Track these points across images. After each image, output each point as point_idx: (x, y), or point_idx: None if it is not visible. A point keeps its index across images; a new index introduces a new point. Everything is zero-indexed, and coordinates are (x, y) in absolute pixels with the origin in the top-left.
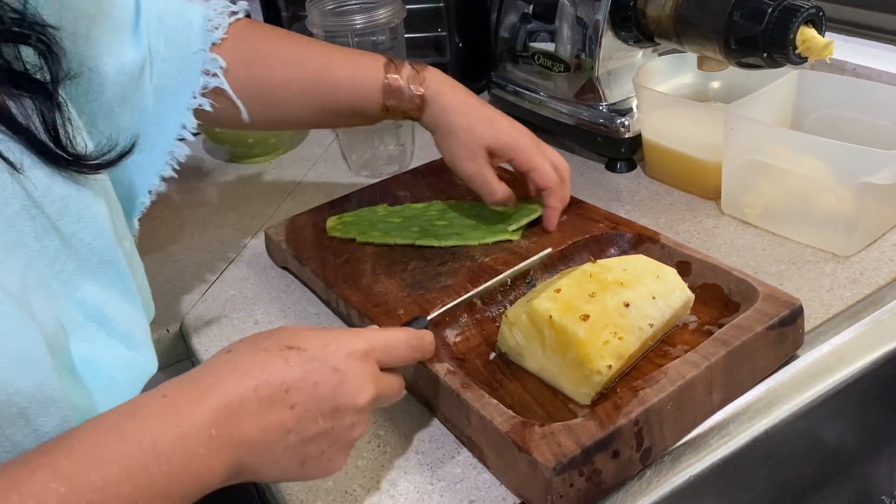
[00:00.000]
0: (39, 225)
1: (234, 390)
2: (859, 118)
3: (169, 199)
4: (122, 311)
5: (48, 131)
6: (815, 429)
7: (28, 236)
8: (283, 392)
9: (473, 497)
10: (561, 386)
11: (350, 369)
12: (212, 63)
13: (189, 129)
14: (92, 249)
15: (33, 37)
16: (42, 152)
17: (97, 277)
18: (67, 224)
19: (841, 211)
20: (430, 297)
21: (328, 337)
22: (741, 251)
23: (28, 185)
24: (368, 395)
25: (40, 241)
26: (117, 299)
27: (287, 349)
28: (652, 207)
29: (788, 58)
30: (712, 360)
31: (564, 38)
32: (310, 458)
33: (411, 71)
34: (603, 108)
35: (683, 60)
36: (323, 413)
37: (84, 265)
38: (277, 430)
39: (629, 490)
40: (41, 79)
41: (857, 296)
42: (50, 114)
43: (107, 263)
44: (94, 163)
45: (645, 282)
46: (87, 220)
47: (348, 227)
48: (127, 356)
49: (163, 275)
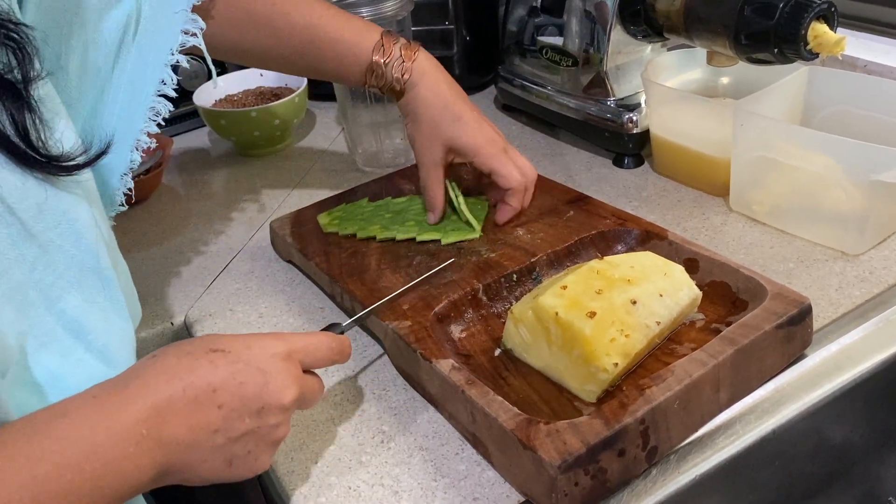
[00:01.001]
0: (15, 231)
1: (163, 391)
2: (870, 115)
3: (174, 192)
4: (104, 322)
5: (18, 132)
6: (822, 428)
7: (3, 243)
8: (210, 392)
9: (477, 494)
10: (566, 383)
11: (274, 370)
12: (192, 24)
13: (169, 84)
14: (71, 257)
15: (1, 34)
16: (13, 153)
17: (79, 286)
18: (43, 231)
19: (850, 209)
20: (435, 292)
21: (251, 340)
22: (749, 248)
23: (3, 186)
24: (292, 394)
25: (17, 248)
26: (102, 309)
27: (212, 352)
28: (659, 204)
29: (799, 53)
30: (720, 358)
31: (573, 32)
32: (237, 457)
33: (399, 56)
34: (611, 103)
35: (692, 55)
36: (249, 412)
37: (65, 274)
38: (205, 429)
39: (635, 489)
40: (11, 79)
41: (866, 295)
42: (20, 114)
43: (88, 271)
44: (70, 164)
45: (652, 279)
46: (65, 226)
47: (343, 222)
48: (102, 373)
49: (167, 267)
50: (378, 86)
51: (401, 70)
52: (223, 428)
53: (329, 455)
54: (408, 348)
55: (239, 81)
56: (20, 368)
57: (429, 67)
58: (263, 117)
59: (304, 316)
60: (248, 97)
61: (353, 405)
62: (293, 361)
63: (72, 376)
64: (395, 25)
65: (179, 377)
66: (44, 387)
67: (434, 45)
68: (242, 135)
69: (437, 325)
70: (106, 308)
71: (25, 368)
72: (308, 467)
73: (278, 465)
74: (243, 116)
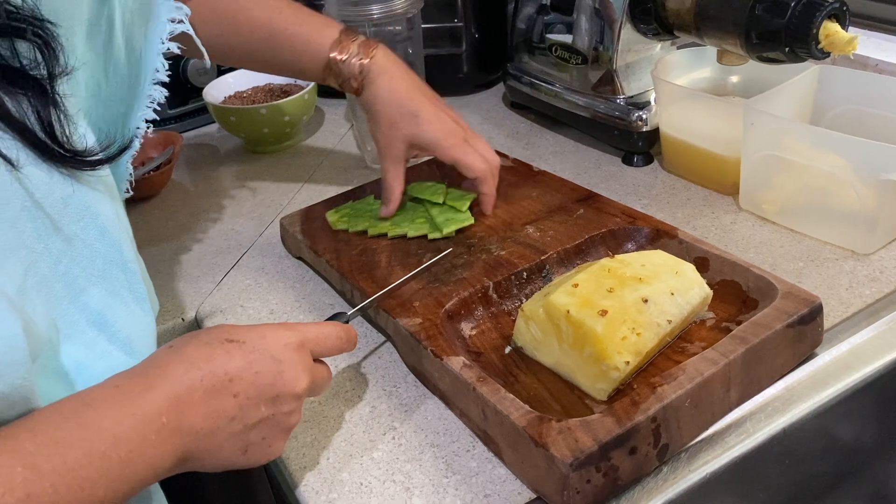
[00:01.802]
0: (41, 226)
1: (182, 380)
2: (881, 114)
3: (184, 189)
4: (127, 315)
5: (44, 128)
6: (832, 428)
7: (30, 237)
8: (226, 381)
9: (489, 491)
10: (577, 381)
11: (287, 359)
12: (177, 11)
13: (162, 72)
14: (95, 251)
15: (29, 31)
16: (39, 149)
17: (103, 280)
18: (68, 224)
19: (861, 208)
20: (445, 289)
21: (265, 330)
22: (759, 248)
23: (28, 184)
24: (305, 383)
25: (43, 242)
26: (125, 302)
27: (228, 342)
28: (669, 202)
29: (811, 52)
30: (730, 357)
31: (582, 30)
32: (252, 444)
33: (357, 53)
34: (620, 101)
35: (702, 54)
36: (264, 400)
37: (89, 267)
38: (222, 417)
39: (646, 487)
40: (37, 75)
41: (876, 294)
42: (45, 110)
43: (112, 265)
44: (93, 158)
45: (663, 278)
46: (88, 220)
47: (353, 220)
48: (125, 363)
49: (178, 263)
50: (337, 83)
51: (358, 67)
52: (239, 416)
53: (340, 451)
54: (418, 345)
55: (248, 78)
56: (48, 357)
57: (386, 64)
58: (273, 114)
59: (315, 312)
60: (257, 94)
61: (364, 402)
62: (305, 351)
63: (96, 366)
64: (404, 23)
65: (197, 367)
66: (70, 375)
67: (443, 43)
68: (252, 132)
69: (448, 322)
70: (129, 301)
71: (53, 357)
72: (319, 463)
73: (289, 460)
74: (253, 113)
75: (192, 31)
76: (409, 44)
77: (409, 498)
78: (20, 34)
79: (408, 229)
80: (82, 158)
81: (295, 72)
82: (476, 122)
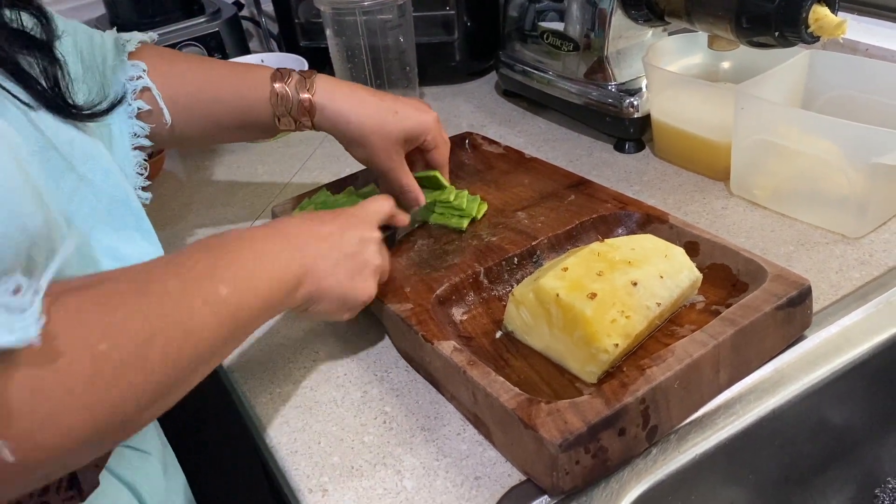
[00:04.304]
0: (53, 165)
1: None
2: (871, 99)
3: (175, 179)
4: (137, 250)
5: (49, 83)
6: (821, 409)
7: (43, 176)
8: (328, 219)
9: (479, 473)
10: (567, 364)
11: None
12: (133, 69)
13: (140, 136)
14: (101, 190)
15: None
16: (47, 101)
17: (110, 218)
18: (77, 164)
19: (851, 192)
20: (436, 275)
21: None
22: (750, 232)
23: (42, 124)
24: (378, 235)
25: (55, 180)
26: (133, 240)
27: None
28: (660, 188)
29: (801, 37)
30: (720, 339)
31: (574, 17)
32: (356, 272)
33: (299, 78)
34: (612, 88)
35: (694, 40)
36: (354, 238)
37: (97, 206)
38: (326, 240)
39: (635, 468)
40: (39, 36)
41: (865, 277)
42: (52, 67)
43: (117, 202)
44: (89, 112)
45: (653, 261)
46: (92, 162)
47: None
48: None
49: (169, 252)
50: (288, 111)
51: (304, 87)
52: (338, 242)
53: (332, 436)
54: (410, 330)
55: None
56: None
57: (333, 82)
58: None
59: None
60: None
61: (356, 387)
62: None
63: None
64: (395, 10)
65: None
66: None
67: (435, 31)
68: None
69: (439, 307)
70: (137, 238)
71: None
72: (311, 448)
73: (281, 445)
74: None
75: (152, 85)
76: (400, 32)
77: (399, 481)
78: (25, 5)
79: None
80: (81, 111)
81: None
82: (469, 111)
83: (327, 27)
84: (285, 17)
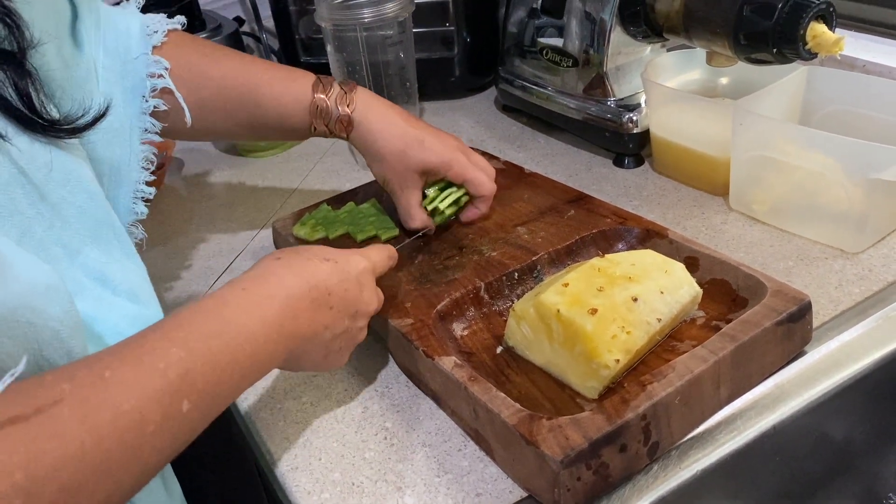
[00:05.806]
0: (30, 191)
1: (295, 289)
2: (869, 115)
3: (176, 193)
4: (123, 271)
5: (21, 99)
6: (822, 425)
7: (22, 203)
8: (326, 295)
9: (480, 490)
10: (568, 380)
11: (366, 282)
12: (155, 65)
13: (151, 132)
14: (84, 212)
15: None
16: (19, 119)
17: (96, 240)
18: (53, 190)
19: (850, 207)
20: (437, 290)
21: (347, 254)
22: (749, 247)
23: (14, 152)
24: (375, 303)
25: (35, 207)
26: (118, 259)
27: (325, 261)
28: (660, 203)
29: (798, 53)
30: (720, 354)
31: (573, 34)
32: (332, 351)
33: (339, 91)
34: (611, 104)
35: (692, 56)
36: (349, 315)
37: (81, 228)
38: (320, 325)
39: (636, 484)
40: (11, 49)
41: (865, 292)
42: (22, 81)
43: (102, 224)
44: (69, 127)
45: (653, 276)
46: (74, 183)
47: (328, 227)
48: (133, 311)
49: (170, 268)
50: (326, 124)
51: (345, 102)
52: (331, 326)
53: (332, 451)
54: (410, 346)
55: None
56: None
57: (372, 99)
58: None
59: None
60: None
61: (356, 402)
62: (373, 275)
63: (109, 318)
64: (396, 27)
65: (305, 279)
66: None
67: (435, 47)
68: None
69: (440, 322)
70: (120, 257)
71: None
72: (311, 464)
73: (281, 461)
74: None
75: (172, 85)
76: (400, 48)
77: (400, 497)
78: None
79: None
80: (59, 127)
81: (278, 119)
82: (468, 126)
83: (328, 43)
84: (286, 32)
